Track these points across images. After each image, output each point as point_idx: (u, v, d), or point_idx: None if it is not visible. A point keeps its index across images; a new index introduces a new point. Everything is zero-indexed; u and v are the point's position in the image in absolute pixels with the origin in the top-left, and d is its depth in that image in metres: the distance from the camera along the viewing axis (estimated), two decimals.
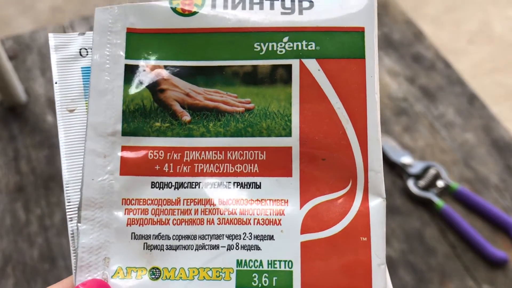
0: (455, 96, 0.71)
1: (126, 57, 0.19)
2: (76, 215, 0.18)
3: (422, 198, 0.61)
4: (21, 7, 1.75)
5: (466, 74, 0.74)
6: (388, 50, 0.76)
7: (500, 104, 1.50)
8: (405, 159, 0.64)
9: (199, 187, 0.18)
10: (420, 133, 0.68)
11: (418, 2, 1.84)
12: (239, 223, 0.18)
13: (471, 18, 1.80)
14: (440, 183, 0.62)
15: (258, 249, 0.17)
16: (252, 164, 0.18)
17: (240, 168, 0.18)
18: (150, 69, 0.19)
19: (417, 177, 0.63)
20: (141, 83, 0.19)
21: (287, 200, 0.18)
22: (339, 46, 0.18)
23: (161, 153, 0.18)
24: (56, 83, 0.20)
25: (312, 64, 0.18)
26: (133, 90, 0.19)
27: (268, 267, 0.17)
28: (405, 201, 0.62)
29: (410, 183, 0.62)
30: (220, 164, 0.18)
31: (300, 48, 0.18)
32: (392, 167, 0.65)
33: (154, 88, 0.19)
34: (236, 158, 0.18)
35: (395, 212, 0.61)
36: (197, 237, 0.18)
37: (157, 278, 0.18)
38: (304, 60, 0.18)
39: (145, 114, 0.19)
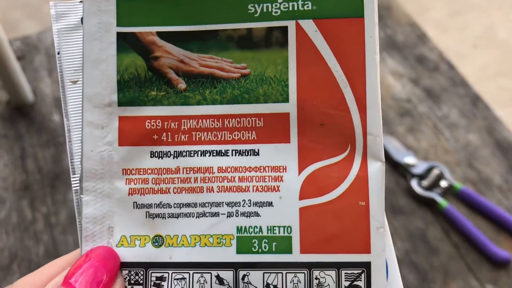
0: (459, 97, 0.71)
1: (118, 25, 0.18)
2: (78, 187, 0.19)
3: (426, 198, 0.62)
4: (28, 10, 1.77)
5: (471, 78, 0.74)
6: (392, 51, 0.77)
7: (504, 108, 1.50)
8: (408, 159, 0.64)
9: (197, 155, 0.18)
10: (423, 133, 0.68)
11: (422, 6, 1.85)
12: (238, 190, 0.18)
13: (476, 23, 1.80)
14: (443, 183, 0.62)
15: (257, 216, 0.18)
16: (250, 131, 0.18)
17: (238, 136, 0.18)
18: (142, 36, 0.18)
19: (421, 177, 0.63)
20: (134, 51, 0.18)
21: (286, 167, 0.18)
22: (337, 5, 0.18)
23: (159, 122, 0.18)
24: (58, 53, 0.19)
25: (308, 25, 0.18)
26: (126, 59, 0.18)
27: (267, 233, 0.18)
28: (409, 201, 0.62)
29: (414, 183, 0.62)
30: (217, 132, 0.18)
31: (296, 8, 0.18)
32: (395, 167, 0.65)
33: (148, 56, 0.18)
34: (234, 126, 0.18)
35: (399, 212, 0.62)
36: (198, 205, 0.18)
37: (160, 246, 0.18)
38: (300, 21, 0.18)
39: (140, 83, 0.18)
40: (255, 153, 0.18)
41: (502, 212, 0.60)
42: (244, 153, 0.18)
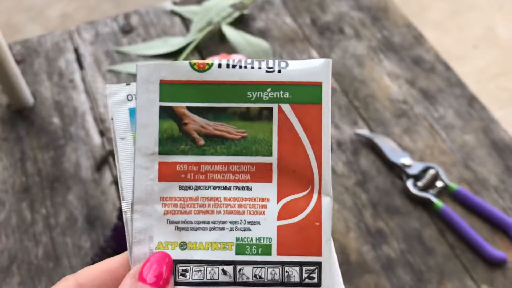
0: (455, 98, 0.72)
1: (160, 101, 0.27)
2: (129, 209, 0.27)
3: (421, 198, 0.62)
4: (31, 14, 1.78)
5: (470, 79, 0.75)
6: (388, 53, 0.77)
7: (504, 108, 1.51)
8: (404, 160, 0.64)
9: (210, 189, 0.27)
10: (419, 134, 0.68)
11: (422, 7, 1.85)
12: (237, 213, 0.27)
13: (476, 23, 1.80)
14: (439, 184, 0.63)
15: (249, 231, 0.27)
16: (246, 174, 0.27)
17: (238, 177, 0.27)
18: (176, 109, 0.28)
19: (416, 178, 0.64)
20: (170, 119, 0.27)
21: (269, 198, 0.27)
22: (305, 95, 0.27)
23: (185, 166, 0.27)
24: (112, 119, 0.28)
25: (286, 108, 0.27)
26: (165, 123, 0.27)
27: (256, 242, 0.27)
28: (404, 202, 0.63)
29: (409, 184, 0.63)
30: (224, 174, 0.27)
31: (278, 96, 0.27)
32: (391, 168, 0.65)
33: (180, 122, 0.27)
34: (235, 170, 0.27)
35: (394, 212, 0.62)
36: (210, 222, 0.27)
37: (185, 249, 0.27)
38: (281, 105, 0.27)
39: (173, 139, 0.28)
40: (249, 189, 0.27)
41: (498, 213, 0.61)
42: (241, 189, 0.27)
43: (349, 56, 0.77)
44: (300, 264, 0.26)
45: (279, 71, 0.27)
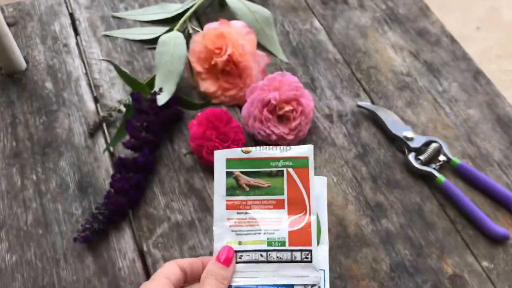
0: (460, 72, 0.70)
1: (226, 168, 0.46)
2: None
3: (423, 172, 0.60)
4: None
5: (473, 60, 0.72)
6: (393, 24, 0.75)
7: (506, 90, 1.48)
8: (406, 133, 0.62)
9: (253, 213, 0.46)
10: (423, 108, 0.67)
11: None
12: (267, 225, 0.45)
13: (480, 4, 1.77)
14: (441, 158, 0.61)
15: (273, 234, 0.45)
16: (270, 205, 0.46)
17: (266, 206, 0.46)
18: (234, 172, 0.46)
19: (418, 151, 0.62)
20: (231, 177, 0.46)
21: (282, 217, 0.45)
22: (299, 163, 0.46)
23: (239, 202, 0.46)
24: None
25: (291, 170, 0.46)
26: (229, 180, 0.46)
27: (277, 239, 0.45)
28: (406, 175, 0.61)
29: (411, 157, 0.61)
30: (259, 205, 0.46)
31: (286, 164, 0.46)
32: (393, 141, 0.64)
33: (236, 179, 0.46)
34: (265, 203, 0.46)
35: (395, 186, 0.60)
36: (253, 230, 0.45)
37: (240, 244, 0.45)
38: (288, 169, 0.46)
39: (233, 188, 0.46)
40: (272, 213, 0.46)
41: (501, 188, 0.59)
42: (268, 213, 0.46)
43: (352, 27, 0.75)
44: (301, 250, 0.45)
45: (286, 152, 0.46)
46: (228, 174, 0.46)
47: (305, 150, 0.45)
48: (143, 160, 0.59)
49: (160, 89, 0.63)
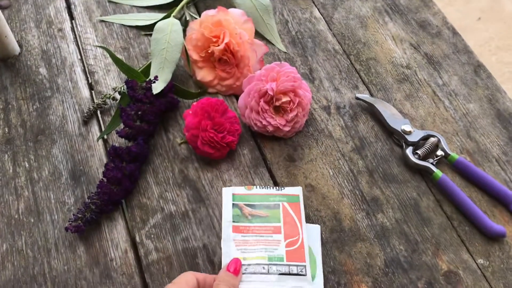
0: (461, 65, 0.69)
1: (233, 201, 0.56)
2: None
3: (420, 167, 0.60)
4: None
5: (473, 51, 0.71)
6: (394, 15, 0.74)
7: (505, 83, 1.47)
8: (405, 127, 0.62)
9: (255, 236, 0.54)
10: (422, 101, 0.66)
11: None
12: (268, 245, 0.53)
13: None
14: (439, 153, 0.60)
15: (272, 252, 0.53)
16: (270, 230, 0.55)
17: (266, 231, 0.55)
18: (239, 204, 0.56)
19: (416, 146, 0.61)
20: (237, 208, 0.56)
21: (281, 240, 0.54)
22: (293, 199, 0.57)
23: (243, 227, 0.55)
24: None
25: (285, 204, 0.56)
26: (235, 210, 0.56)
27: (276, 256, 0.53)
28: (402, 170, 0.60)
29: (409, 152, 0.60)
30: (261, 230, 0.55)
31: (282, 199, 0.57)
32: (390, 135, 0.63)
33: (241, 209, 0.56)
34: (265, 229, 0.55)
35: (392, 180, 0.60)
36: (256, 249, 0.53)
37: (245, 259, 0.52)
38: (283, 203, 0.57)
39: (238, 216, 0.55)
40: (271, 236, 0.54)
41: (499, 185, 0.58)
42: (268, 236, 0.54)
43: (352, 17, 0.74)
44: (297, 265, 0.52)
45: (281, 190, 0.57)
46: (234, 205, 0.56)
47: (297, 190, 0.57)
48: (137, 149, 0.58)
49: (156, 77, 0.62)
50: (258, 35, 0.70)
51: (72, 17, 0.74)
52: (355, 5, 0.75)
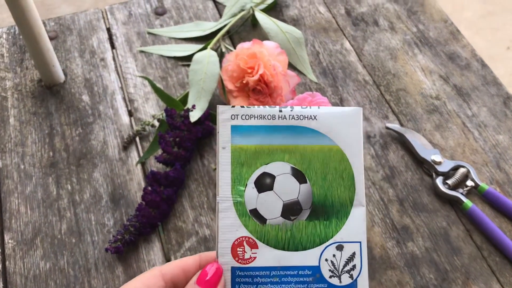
0: (490, 97, 0.70)
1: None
2: (221, 199, 0.37)
3: (450, 197, 0.61)
4: None
5: (503, 81, 0.72)
6: (423, 47, 0.76)
7: None
8: (435, 157, 0.63)
9: None
10: (451, 132, 0.67)
11: (456, 5, 1.81)
12: None
13: (510, 25, 1.76)
14: (469, 183, 0.61)
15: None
16: None
17: None
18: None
19: (446, 176, 0.62)
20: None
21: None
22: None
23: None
24: (218, 132, 0.37)
25: None
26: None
27: None
28: (433, 199, 0.61)
29: (439, 181, 0.61)
30: None
31: None
32: (420, 164, 0.64)
33: None
34: None
35: (422, 210, 0.61)
36: None
37: None
38: None
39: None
40: None
41: None
42: None
43: (382, 49, 0.76)
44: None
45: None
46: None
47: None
48: (175, 174, 0.61)
49: (193, 106, 0.65)
50: (290, 65, 0.73)
51: (113, 47, 0.78)
52: (385, 37, 0.77)
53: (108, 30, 0.80)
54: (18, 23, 0.64)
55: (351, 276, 0.35)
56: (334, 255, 0.35)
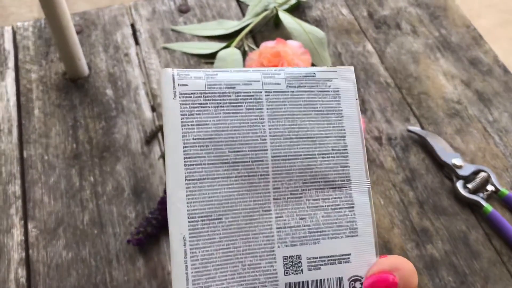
0: (511, 103, 0.70)
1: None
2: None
3: (470, 200, 0.61)
4: None
5: None
6: (445, 52, 0.76)
7: None
8: (455, 161, 0.63)
9: None
10: (472, 136, 0.67)
11: (472, 13, 1.81)
12: None
13: None
14: (489, 188, 0.61)
15: None
16: None
17: None
18: None
19: (466, 179, 0.62)
20: None
21: None
22: None
23: None
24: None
25: None
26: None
27: None
28: (453, 203, 0.62)
29: (459, 185, 0.62)
30: None
31: None
32: (441, 168, 0.64)
33: None
34: None
35: (441, 213, 0.61)
36: None
37: None
38: None
39: None
40: None
41: None
42: None
43: (404, 52, 0.76)
44: None
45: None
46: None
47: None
48: None
49: None
50: (313, 66, 0.73)
51: (137, 43, 0.79)
52: (407, 41, 0.78)
53: (132, 26, 0.81)
54: (47, 15, 0.65)
55: None
56: None
